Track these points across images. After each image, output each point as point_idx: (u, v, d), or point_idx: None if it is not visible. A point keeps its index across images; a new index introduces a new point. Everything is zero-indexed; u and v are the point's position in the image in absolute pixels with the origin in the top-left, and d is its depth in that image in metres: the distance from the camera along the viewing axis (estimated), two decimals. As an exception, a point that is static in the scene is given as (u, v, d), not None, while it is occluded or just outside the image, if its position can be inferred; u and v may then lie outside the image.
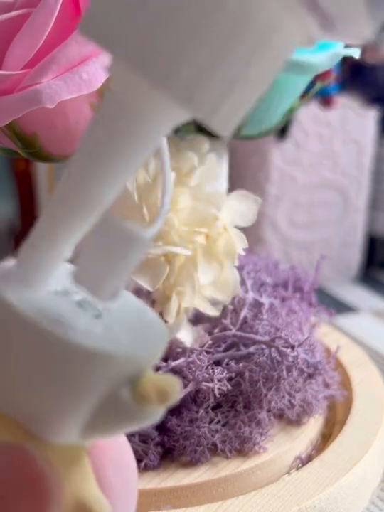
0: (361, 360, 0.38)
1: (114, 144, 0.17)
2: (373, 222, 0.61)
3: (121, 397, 0.18)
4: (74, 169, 0.17)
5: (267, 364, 0.30)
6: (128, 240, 0.17)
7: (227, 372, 0.30)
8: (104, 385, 0.17)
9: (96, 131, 0.17)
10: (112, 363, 0.17)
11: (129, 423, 0.18)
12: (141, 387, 0.17)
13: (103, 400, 0.18)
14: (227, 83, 0.15)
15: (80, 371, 0.17)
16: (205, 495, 0.28)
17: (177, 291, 0.29)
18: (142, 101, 0.16)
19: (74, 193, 0.17)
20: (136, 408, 0.18)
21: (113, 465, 0.20)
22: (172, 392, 0.17)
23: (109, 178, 0.17)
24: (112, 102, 0.17)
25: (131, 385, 0.18)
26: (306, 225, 0.57)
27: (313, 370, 0.32)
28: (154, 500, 0.28)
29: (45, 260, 0.18)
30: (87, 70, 0.25)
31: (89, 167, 0.17)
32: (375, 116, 0.56)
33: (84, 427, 0.18)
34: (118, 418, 0.18)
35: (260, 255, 0.40)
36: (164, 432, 0.30)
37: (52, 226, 0.18)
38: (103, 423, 0.18)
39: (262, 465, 0.29)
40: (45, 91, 0.24)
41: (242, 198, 0.31)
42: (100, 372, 0.17)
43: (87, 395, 0.17)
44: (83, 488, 0.18)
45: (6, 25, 0.26)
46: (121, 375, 0.18)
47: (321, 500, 0.27)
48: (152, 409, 0.18)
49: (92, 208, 0.17)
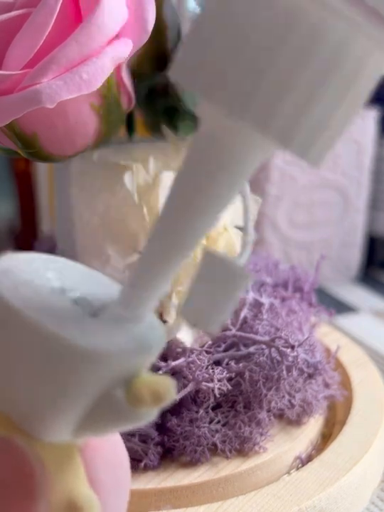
0: (361, 360, 0.38)
1: (210, 181, 0.17)
2: (373, 222, 0.61)
3: (115, 397, 0.18)
4: (171, 209, 0.18)
5: (267, 364, 0.30)
6: (231, 274, 0.18)
7: (227, 372, 0.30)
8: (98, 385, 0.17)
9: (191, 168, 0.17)
10: (107, 362, 0.17)
11: (123, 423, 0.18)
12: (135, 388, 0.17)
13: (96, 399, 0.18)
14: (321, 123, 0.16)
15: (75, 370, 0.17)
16: (205, 495, 0.28)
17: (177, 291, 0.29)
18: (240, 142, 0.17)
19: (173, 232, 0.18)
20: (129, 409, 0.18)
21: (105, 464, 0.20)
22: (166, 393, 0.17)
23: (204, 217, 0.18)
24: (206, 143, 0.17)
25: (125, 386, 0.18)
26: (306, 225, 0.57)
27: (313, 370, 0.32)
28: (154, 500, 0.28)
29: (147, 298, 0.18)
30: (87, 70, 0.25)
31: (187, 207, 0.17)
32: (375, 116, 0.56)
33: (77, 426, 0.18)
34: (111, 418, 0.18)
35: (260, 255, 0.40)
36: (164, 431, 0.30)
37: (152, 265, 0.18)
38: (96, 422, 0.18)
39: (262, 465, 0.29)
40: (45, 91, 0.24)
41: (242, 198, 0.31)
42: (94, 371, 0.17)
43: (81, 394, 0.17)
44: (74, 486, 0.18)
45: (6, 25, 0.26)
46: (116, 374, 0.17)
47: (321, 500, 0.27)
48: (146, 410, 0.18)
49: (190, 246, 0.18)
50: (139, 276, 0.18)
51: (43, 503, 0.18)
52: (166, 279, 0.18)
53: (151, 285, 0.18)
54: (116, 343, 0.18)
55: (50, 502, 0.18)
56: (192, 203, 0.17)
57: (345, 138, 0.55)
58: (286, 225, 0.55)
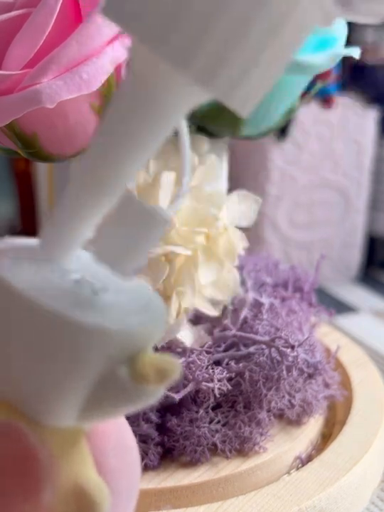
0: (361, 360, 0.38)
1: (135, 123, 0.17)
2: (373, 223, 0.61)
3: (120, 375, 0.17)
4: (96, 149, 0.17)
5: (267, 364, 0.30)
6: (149, 218, 0.18)
7: (227, 372, 0.30)
8: (101, 363, 0.17)
9: (117, 111, 0.17)
10: (110, 339, 0.17)
11: (128, 403, 0.18)
12: (140, 366, 0.17)
13: (100, 379, 0.17)
14: (245, 63, 0.16)
15: (77, 348, 0.17)
16: (205, 495, 0.28)
17: (177, 291, 0.29)
18: (163, 82, 0.16)
19: (96, 172, 0.17)
20: (134, 387, 0.17)
21: (113, 449, 0.20)
22: (171, 370, 0.17)
23: (130, 157, 0.17)
24: (133, 83, 0.17)
25: (129, 363, 0.17)
26: (306, 225, 0.57)
27: (313, 370, 0.32)
28: (154, 500, 0.28)
29: (67, 239, 0.18)
30: (87, 70, 0.25)
31: (111, 146, 0.17)
32: (375, 116, 0.56)
33: (81, 409, 0.18)
34: (116, 398, 0.18)
35: (260, 255, 0.40)
36: (164, 432, 0.30)
37: (75, 205, 0.18)
38: (101, 404, 0.18)
39: (262, 465, 0.29)
40: (45, 91, 0.24)
41: (242, 198, 0.31)
42: (97, 349, 0.17)
43: (84, 373, 0.17)
44: (81, 472, 0.18)
45: (6, 25, 0.26)
46: (119, 352, 0.17)
47: (321, 500, 0.27)
48: (151, 388, 0.17)
49: (114, 187, 0.18)
50: (60, 215, 0.18)
51: (48, 488, 0.17)
52: (87, 221, 0.18)
53: (71, 224, 0.18)
54: (119, 320, 0.17)
55: (56, 487, 0.18)
56: (115, 144, 0.17)
57: (345, 138, 0.55)
58: (286, 225, 0.55)
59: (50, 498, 0.17)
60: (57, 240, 0.18)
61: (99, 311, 0.17)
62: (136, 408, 0.18)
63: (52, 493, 0.17)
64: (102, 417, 0.19)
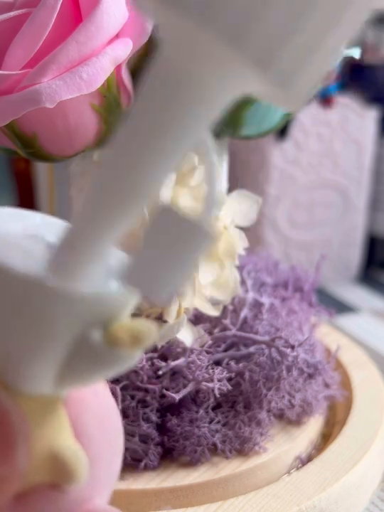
0: (361, 360, 0.38)
1: (167, 118, 0.14)
2: (373, 223, 0.61)
3: (92, 339, 0.17)
4: (118, 152, 0.15)
5: (267, 364, 0.30)
6: (192, 232, 0.15)
7: (227, 372, 0.30)
8: (72, 327, 0.16)
9: (143, 105, 0.15)
10: (78, 303, 0.16)
11: (103, 368, 0.17)
12: (113, 329, 0.17)
13: (73, 343, 0.17)
14: (307, 48, 0.13)
15: (45, 311, 0.16)
16: (205, 495, 0.28)
17: (177, 291, 0.29)
18: (203, 65, 0.14)
19: (120, 179, 0.15)
20: (108, 351, 0.17)
21: (93, 418, 0.19)
22: (145, 334, 0.16)
23: (159, 160, 0.15)
24: (164, 71, 0.14)
25: (102, 327, 0.17)
26: (306, 225, 0.57)
27: (313, 370, 0.32)
28: (154, 501, 0.28)
29: (86, 263, 0.16)
30: (87, 70, 0.25)
31: (137, 147, 0.15)
32: (375, 116, 0.56)
33: (56, 376, 0.17)
34: (90, 363, 0.17)
35: (260, 255, 0.40)
36: (164, 432, 0.30)
37: (94, 222, 0.16)
38: (76, 369, 0.17)
39: (262, 465, 0.29)
40: (45, 91, 0.24)
41: (242, 198, 0.31)
42: (66, 312, 0.16)
43: (55, 337, 0.16)
44: (57, 438, 0.18)
45: (6, 25, 0.26)
46: (90, 316, 0.16)
47: (321, 500, 0.27)
48: (125, 352, 0.17)
49: (141, 196, 0.15)
50: (76, 236, 0.16)
51: (22, 453, 0.17)
52: (108, 240, 0.16)
53: (91, 247, 0.16)
54: (87, 285, 0.16)
55: (30, 453, 0.17)
56: (141, 144, 0.14)
57: (345, 138, 0.55)
58: (286, 225, 0.55)
59: (24, 463, 0.17)
60: (71, 260, 0.16)
61: (70, 275, 0.16)
62: (112, 373, 0.17)
63: (26, 459, 0.17)
64: (79, 383, 0.18)
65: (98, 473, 0.19)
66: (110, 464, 0.20)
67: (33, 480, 0.18)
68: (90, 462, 0.18)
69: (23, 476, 0.17)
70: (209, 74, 0.14)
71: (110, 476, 0.20)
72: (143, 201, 0.15)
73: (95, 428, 0.19)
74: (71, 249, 0.16)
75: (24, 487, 0.18)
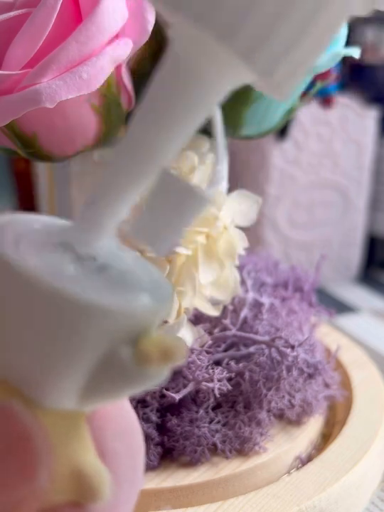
0: (361, 360, 0.38)
1: (175, 103, 0.17)
2: (373, 222, 0.61)
3: (121, 356, 0.17)
4: (136, 128, 0.17)
5: (267, 364, 0.30)
6: (189, 196, 0.17)
7: (227, 372, 0.30)
8: (101, 343, 0.17)
9: (158, 90, 0.17)
10: (110, 318, 0.16)
11: (130, 385, 0.17)
12: (143, 346, 0.17)
13: (101, 359, 0.17)
14: (287, 41, 0.16)
15: (74, 326, 0.16)
16: (205, 495, 0.28)
17: (177, 291, 0.29)
18: (203, 58, 0.16)
19: (135, 151, 0.17)
20: (137, 368, 0.17)
21: (116, 434, 0.19)
22: (175, 351, 0.16)
23: (170, 136, 0.17)
24: (173, 63, 0.17)
25: (132, 343, 0.17)
26: (306, 225, 0.57)
27: (313, 370, 0.32)
28: (154, 501, 0.28)
29: (105, 219, 0.18)
30: (87, 70, 0.25)
31: (152, 124, 0.17)
32: (375, 116, 0.56)
33: (81, 391, 0.17)
34: (118, 380, 0.17)
35: (260, 255, 0.40)
36: (164, 432, 0.30)
37: (114, 184, 0.18)
38: (102, 386, 0.17)
39: (262, 465, 0.29)
40: (45, 91, 0.24)
41: (242, 198, 0.31)
42: (96, 328, 0.16)
43: (82, 353, 0.17)
44: (80, 456, 0.17)
45: (6, 25, 0.26)
46: (120, 332, 0.17)
47: (321, 500, 0.27)
48: (154, 369, 0.17)
49: (153, 166, 0.17)
50: (100, 193, 0.18)
51: (44, 471, 0.17)
52: (125, 200, 0.18)
53: (112, 202, 0.18)
54: (118, 300, 0.17)
55: (53, 471, 0.17)
56: (155, 123, 0.17)
57: (345, 138, 0.55)
58: (286, 225, 0.55)
59: (46, 482, 0.17)
60: (94, 221, 0.18)
61: (99, 288, 0.17)
62: (138, 390, 0.17)
63: (48, 477, 0.17)
64: (104, 400, 0.18)
65: (121, 489, 0.19)
66: (133, 479, 0.20)
67: (54, 499, 0.17)
68: (113, 480, 0.18)
69: (44, 496, 0.17)
70: (208, 65, 0.17)
71: (132, 493, 0.20)
72: (152, 171, 0.18)
73: (118, 444, 0.19)
74: (93, 206, 0.18)
75: (45, 506, 0.17)
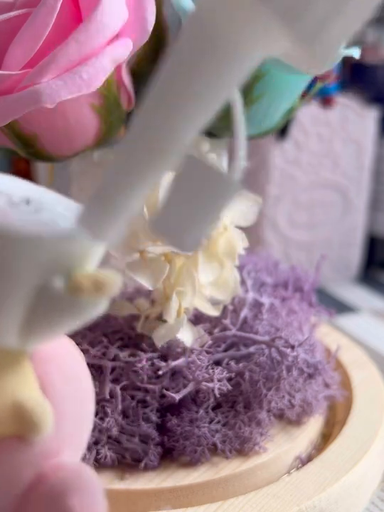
0: (361, 360, 0.38)
1: (199, 76, 0.15)
2: (373, 222, 0.61)
3: (54, 287, 0.16)
4: (150, 108, 0.15)
5: (267, 364, 0.30)
6: (217, 183, 0.16)
7: (227, 372, 0.30)
8: (32, 274, 0.16)
9: (177, 61, 0.15)
10: (40, 247, 0.16)
11: (67, 317, 0.17)
12: (75, 277, 0.16)
13: (35, 292, 0.16)
14: (328, 10, 0.14)
15: (5, 256, 0.16)
16: (205, 495, 0.28)
17: (177, 291, 0.29)
18: (234, 22, 0.14)
19: (152, 132, 0.15)
20: (71, 300, 0.17)
21: (60, 373, 0.19)
22: (107, 282, 0.16)
23: (190, 114, 0.15)
24: (194, 32, 0.15)
25: (65, 276, 0.17)
26: (306, 225, 0.57)
27: (313, 370, 0.32)
28: (154, 500, 0.28)
29: (115, 215, 0.16)
30: (87, 70, 0.25)
31: (169, 102, 0.15)
32: (375, 116, 0.56)
33: (20, 327, 0.17)
34: (53, 312, 0.17)
35: (260, 255, 0.40)
36: (164, 432, 0.30)
37: (125, 175, 0.16)
38: (40, 320, 0.17)
39: (262, 465, 0.29)
40: (45, 91, 0.24)
41: (242, 198, 0.31)
42: (26, 258, 0.16)
43: (16, 284, 0.16)
44: (21, 390, 0.18)
45: (6, 25, 0.26)
46: (51, 263, 0.16)
47: (321, 500, 0.27)
48: (88, 299, 0.17)
49: (172, 151, 0.15)
50: (106, 188, 0.16)
51: None
52: (139, 192, 0.16)
53: (120, 199, 0.16)
54: (49, 229, 0.16)
55: None
56: (174, 98, 0.15)
57: (345, 138, 0.55)
58: (286, 225, 0.55)
59: None
60: (102, 215, 0.17)
61: (33, 223, 0.16)
62: (75, 323, 0.17)
63: None
64: (43, 335, 0.18)
65: (65, 429, 0.19)
66: (79, 423, 0.20)
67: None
68: (56, 416, 0.18)
69: None
70: (241, 27, 0.15)
71: (79, 435, 0.20)
72: (174, 153, 0.16)
73: (62, 384, 0.19)
74: (99, 203, 0.17)
75: None
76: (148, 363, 0.29)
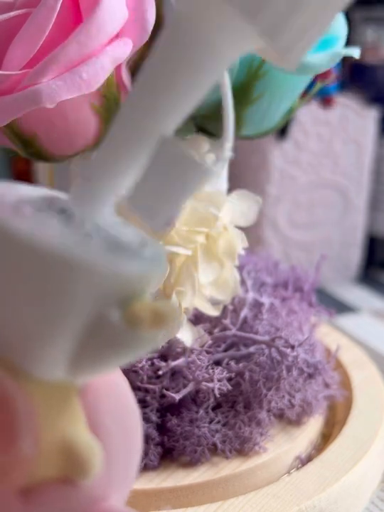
0: (361, 360, 0.38)
1: (180, 68, 0.16)
2: (373, 222, 0.61)
3: (110, 318, 0.16)
4: (136, 94, 0.17)
5: (267, 364, 0.30)
6: (189, 166, 0.16)
7: (227, 372, 0.30)
8: (88, 305, 0.16)
9: (161, 55, 0.17)
10: (99, 279, 0.16)
11: (122, 351, 0.16)
12: (134, 309, 0.16)
13: (90, 324, 0.16)
14: (289, 4, 0.16)
15: (61, 285, 0.15)
16: (205, 495, 0.28)
17: (177, 291, 0.29)
18: (209, 21, 0.16)
19: (138, 119, 0.17)
20: (127, 332, 0.16)
21: (109, 408, 0.18)
22: (167, 314, 0.16)
23: (173, 105, 0.17)
24: (178, 27, 0.16)
25: (122, 307, 0.16)
26: (306, 225, 0.57)
27: (313, 370, 0.32)
28: (154, 500, 0.28)
29: (100, 196, 0.17)
30: (87, 70, 0.25)
31: (154, 92, 0.17)
32: (375, 116, 0.56)
33: (72, 359, 0.16)
34: (108, 345, 0.16)
35: (260, 255, 0.40)
36: (164, 432, 0.30)
37: (111, 158, 0.17)
38: (92, 353, 0.16)
39: (262, 465, 0.29)
40: (45, 91, 0.24)
41: (242, 198, 0.31)
42: (83, 288, 0.15)
43: (69, 315, 0.16)
44: (70, 428, 0.17)
45: (6, 25, 0.26)
46: (109, 294, 0.16)
47: (321, 500, 0.27)
48: (146, 333, 0.16)
49: (153, 134, 0.17)
50: (96, 165, 0.17)
51: (27, 436, 0.16)
52: (123, 175, 0.17)
53: (109, 174, 0.17)
54: (108, 261, 0.16)
55: (39, 441, 0.16)
56: (158, 90, 0.16)
57: (345, 138, 0.55)
58: (286, 225, 0.55)
59: (29, 454, 0.16)
60: (91, 194, 0.17)
61: (91, 250, 0.16)
62: (131, 358, 0.17)
63: (32, 449, 0.16)
64: (95, 369, 0.17)
65: (114, 470, 0.18)
66: (127, 462, 0.19)
67: (43, 474, 0.17)
68: (105, 456, 0.17)
69: (28, 468, 0.16)
70: (212, 26, 0.16)
71: (127, 475, 0.19)
72: (154, 133, 0.17)
73: (112, 421, 0.18)
74: (87, 183, 0.17)
75: (33, 481, 0.17)
76: (148, 363, 0.29)
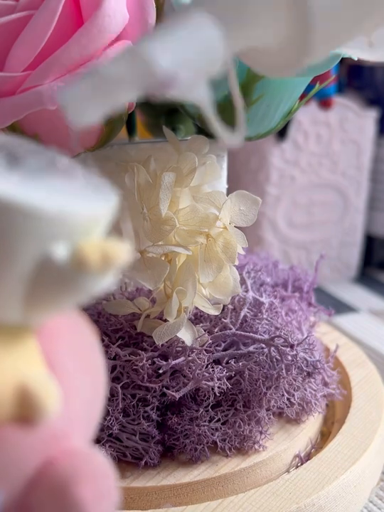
0: (360, 359, 0.38)
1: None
2: (372, 223, 0.61)
3: (56, 259, 0.15)
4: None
5: (266, 363, 0.31)
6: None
7: (227, 371, 0.30)
8: (34, 246, 0.15)
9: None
10: (38, 219, 0.15)
11: (70, 291, 0.16)
12: (81, 249, 0.15)
13: (37, 265, 0.15)
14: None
15: (3, 229, 0.15)
16: (205, 493, 0.28)
17: (178, 291, 0.29)
18: None
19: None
20: (75, 272, 0.15)
21: (68, 349, 0.18)
22: (115, 254, 0.15)
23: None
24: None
25: (69, 246, 0.16)
26: (306, 225, 0.57)
27: (312, 369, 0.32)
28: (154, 498, 0.28)
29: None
30: (89, 72, 0.25)
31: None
32: (374, 116, 0.56)
33: (23, 300, 0.16)
34: (56, 286, 0.16)
35: (260, 255, 0.40)
36: (164, 430, 0.30)
37: None
38: (42, 293, 0.16)
39: (261, 463, 0.30)
40: (47, 92, 0.25)
41: (242, 198, 0.31)
42: (27, 229, 0.15)
43: (14, 257, 0.15)
44: (25, 369, 0.16)
45: (8, 27, 0.26)
46: (55, 235, 0.15)
47: (320, 498, 0.27)
48: (93, 273, 0.15)
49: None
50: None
51: None
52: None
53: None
54: (51, 199, 0.15)
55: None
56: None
57: (344, 138, 0.55)
58: (285, 225, 0.56)
59: None
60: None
61: (34, 194, 0.15)
62: (82, 297, 0.16)
63: None
64: (48, 309, 0.17)
65: (74, 410, 0.17)
66: (89, 402, 0.18)
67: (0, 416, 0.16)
68: (64, 395, 0.17)
69: None
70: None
71: (89, 415, 0.18)
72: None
73: (70, 361, 0.17)
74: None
75: None
76: (149, 362, 0.30)
